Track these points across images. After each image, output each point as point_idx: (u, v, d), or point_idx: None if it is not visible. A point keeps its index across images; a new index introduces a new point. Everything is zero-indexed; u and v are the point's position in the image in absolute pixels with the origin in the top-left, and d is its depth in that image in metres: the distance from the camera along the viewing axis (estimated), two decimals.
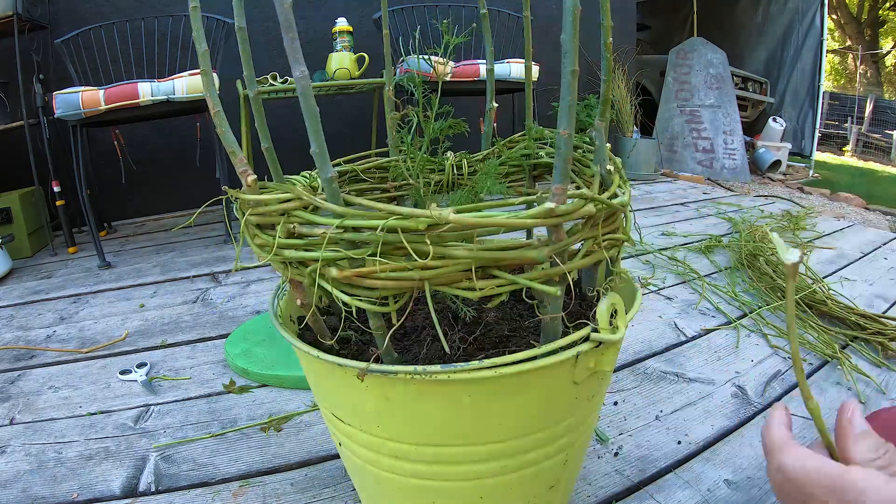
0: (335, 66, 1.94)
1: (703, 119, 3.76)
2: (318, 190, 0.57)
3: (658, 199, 2.59)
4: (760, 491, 0.69)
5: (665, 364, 1.01)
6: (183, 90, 1.68)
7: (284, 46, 0.39)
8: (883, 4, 12.13)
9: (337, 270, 0.41)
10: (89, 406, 0.94)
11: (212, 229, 2.23)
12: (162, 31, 2.17)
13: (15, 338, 1.26)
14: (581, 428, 0.52)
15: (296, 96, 1.54)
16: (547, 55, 2.75)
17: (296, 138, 2.50)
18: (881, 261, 1.62)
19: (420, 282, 0.40)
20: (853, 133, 7.89)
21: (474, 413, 0.44)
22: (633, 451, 0.77)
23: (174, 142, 2.51)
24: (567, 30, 0.37)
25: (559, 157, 0.39)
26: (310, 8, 2.59)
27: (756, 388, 0.93)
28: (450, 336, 0.55)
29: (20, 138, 1.92)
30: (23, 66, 1.87)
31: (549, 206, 0.38)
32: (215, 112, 0.46)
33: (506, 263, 0.40)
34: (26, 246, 1.98)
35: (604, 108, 0.50)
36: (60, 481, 0.75)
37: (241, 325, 1.19)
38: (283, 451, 0.79)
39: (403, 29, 2.47)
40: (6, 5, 1.81)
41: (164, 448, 0.81)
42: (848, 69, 14.43)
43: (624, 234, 0.49)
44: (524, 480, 0.51)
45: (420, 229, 0.38)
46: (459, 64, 1.98)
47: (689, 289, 1.38)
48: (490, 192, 0.58)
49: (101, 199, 2.27)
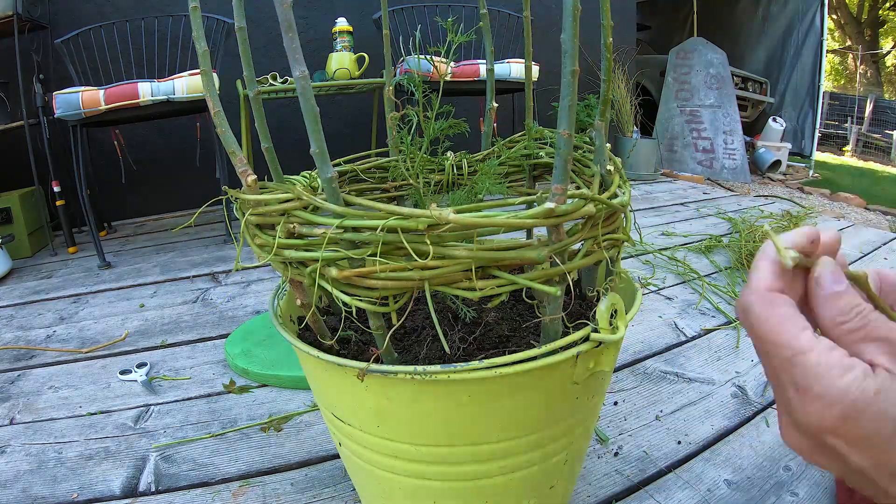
0: (335, 66, 1.94)
1: (703, 119, 3.76)
2: (318, 190, 0.57)
3: (658, 199, 2.59)
4: (760, 491, 0.69)
5: (665, 364, 1.01)
6: (183, 90, 1.68)
7: (284, 46, 0.39)
8: (883, 4, 12.13)
9: (337, 270, 0.41)
10: (89, 406, 0.94)
11: (212, 229, 2.23)
12: (162, 31, 2.17)
13: (15, 338, 1.26)
14: (581, 428, 0.52)
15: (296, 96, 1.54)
16: (547, 55, 2.75)
17: (296, 138, 2.51)
18: (881, 261, 1.62)
19: (420, 282, 0.40)
20: (853, 133, 7.89)
21: (474, 413, 0.44)
22: (633, 451, 0.77)
23: (174, 142, 2.51)
24: (567, 30, 0.37)
25: (559, 157, 0.39)
26: (310, 8, 2.59)
27: (756, 388, 0.93)
28: (450, 336, 0.55)
29: (20, 138, 1.92)
30: (23, 66, 1.87)
31: (549, 206, 0.38)
32: (215, 112, 0.46)
33: (506, 263, 0.40)
34: (26, 246, 1.98)
35: (604, 108, 0.50)
36: (60, 481, 0.75)
37: (241, 325, 1.19)
38: (283, 451, 0.79)
39: (403, 29, 2.47)
40: (6, 5, 1.81)
41: (164, 448, 0.81)
42: (848, 69, 14.43)
43: (624, 234, 0.49)
44: (524, 480, 0.51)
45: (420, 229, 0.38)
46: (459, 64, 1.98)
47: (689, 289, 1.38)
48: (490, 192, 0.58)
49: (101, 199, 2.27)
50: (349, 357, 0.45)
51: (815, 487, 0.69)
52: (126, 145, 2.16)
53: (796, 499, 0.68)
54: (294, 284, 0.49)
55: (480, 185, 0.58)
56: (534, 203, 0.42)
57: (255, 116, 0.51)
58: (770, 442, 0.79)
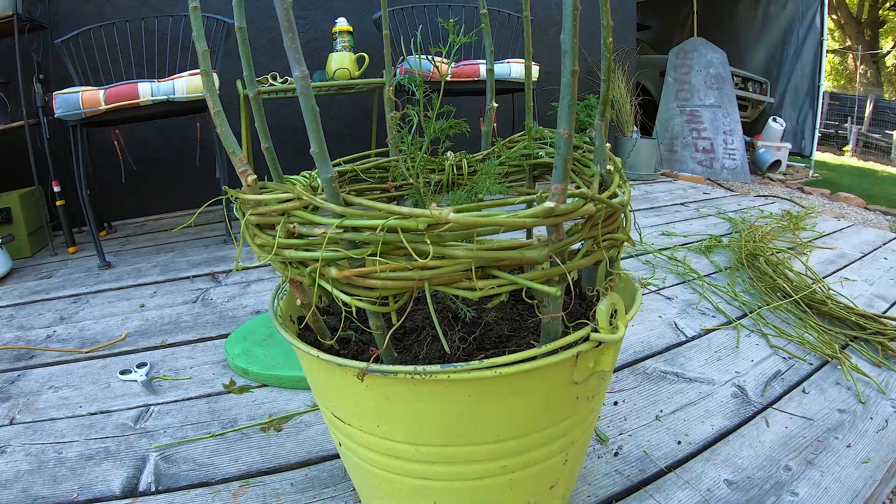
0: (335, 66, 1.94)
1: (703, 119, 3.76)
2: (318, 190, 0.57)
3: (658, 199, 2.59)
4: (760, 491, 0.69)
5: (665, 364, 1.01)
6: (183, 90, 1.68)
7: (284, 46, 0.39)
8: (883, 4, 12.13)
9: (337, 270, 0.41)
10: (89, 406, 0.94)
11: (212, 229, 2.23)
12: (162, 31, 2.17)
13: (15, 338, 1.26)
14: (581, 428, 0.52)
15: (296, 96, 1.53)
16: (547, 55, 2.75)
17: (296, 138, 2.51)
18: (881, 261, 1.62)
19: (420, 282, 0.40)
20: (853, 133, 7.89)
21: (474, 413, 0.44)
22: (633, 451, 0.77)
23: (174, 142, 2.51)
24: (567, 30, 0.37)
25: (559, 156, 0.39)
26: (310, 8, 2.59)
27: (756, 388, 0.93)
28: (450, 336, 0.55)
29: (20, 138, 1.92)
30: (23, 66, 1.87)
31: (549, 206, 0.38)
32: (215, 112, 0.46)
33: (506, 263, 0.40)
34: (26, 246, 1.98)
35: (604, 107, 0.50)
36: (60, 481, 0.75)
37: (241, 325, 1.19)
38: (283, 451, 0.79)
39: (403, 29, 2.47)
40: (6, 5, 1.81)
41: (164, 448, 0.81)
42: (848, 69, 14.43)
43: (624, 234, 0.49)
44: (524, 480, 0.51)
45: (420, 229, 0.38)
46: (459, 64, 1.98)
47: (689, 289, 1.38)
48: (490, 192, 0.58)
49: (101, 199, 2.27)
50: (349, 357, 0.45)
51: (815, 487, 0.69)
52: (126, 145, 2.16)
53: (796, 499, 0.68)
54: (294, 284, 0.49)
55: (480, 184, 0.58)
56: (533, 203, 0.42)
57: (255, 116, 0.51)
58: (770, 442, 0.79)
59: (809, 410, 0.86)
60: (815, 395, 0.91)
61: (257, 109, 0.51)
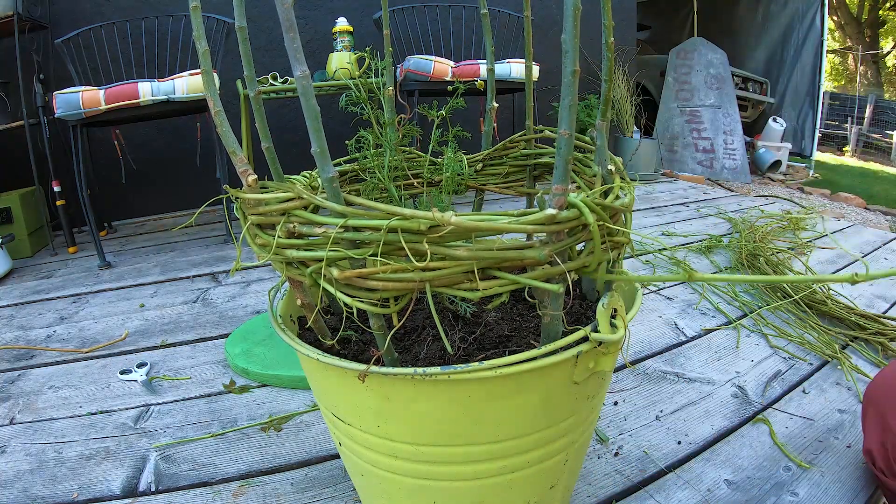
0: (335, 66, 1.94)
1: (703, 119, 3.76)
2: (319, 189, 0.57)
3: (658, 199, 2.59)
4: (760, 491, 0.69)
5: (665, 364, 1.01)
6: (183, 90, 1.68)
7: (285, 46, 0.39)
8: (883, 5, 12.12)
9: (338, 271, 0.41)
10: (89, 406, 0.94)
11: (212, 229, 2.23)
12: (162, 30, 2.17)
13: (15, 338, 1.25)
14: (581, 428, 0.52)
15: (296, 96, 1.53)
16: (547, 55, 2.75)
17: (296, 138, 2.50)
18: (881, 261, 1.62)
19: (421, 283, 0.40)
20: (853, 133, 7.89)
21: (474, 413, 0.44)
22: (633, 451, 0.77)
23: (174, 142, 2.51)
24: (567, 30, 0.37)
25: (559, 157, 0.39)
26: (310, 8, 2.59)
27: (756, 388, 0.93)
28: (450, 336, 0.55)
29: (20, 138, 1.92)
30: (23, 66, 1.87)
31: (552, 213, 0.38)
32: (216, 112, 0.46)
33: (507, 265, 0.40)
34: (26, 246, 1.98)
35: (605, 108, 0.50)
36: (60, 481, 0.75)
37: (241, 325, 1.19)
38: (283, 451, 0.79)
39: (403, 29, 2.47)
40: (6, 5, 1.81)
41: (165, 448, 0.81)
42: (848, 69, 14.42)
43: (625, 237, 0.49)
44: (524, 480, 0.50)
45: (422, 231, 0.38)
46: (459, 64, 1.98)
47: (689, 289, 1.38)
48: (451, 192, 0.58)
49: (101, 199, 2.27)
50: (349, 357, 0.45)
51: (815, 487, 0.69)
52: (126, 145, 2.16)
53: (796, 499, 0.68)
54: (294, 284, 0.49)
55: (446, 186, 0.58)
56: (534, 203, 0.42)
57: (255, 116, 0.51)
58: (770, 442, 0.79)
59: (809, 410, 0.86)
60: (816, 395, 0.91)
61: (258, 109, 0.51)
